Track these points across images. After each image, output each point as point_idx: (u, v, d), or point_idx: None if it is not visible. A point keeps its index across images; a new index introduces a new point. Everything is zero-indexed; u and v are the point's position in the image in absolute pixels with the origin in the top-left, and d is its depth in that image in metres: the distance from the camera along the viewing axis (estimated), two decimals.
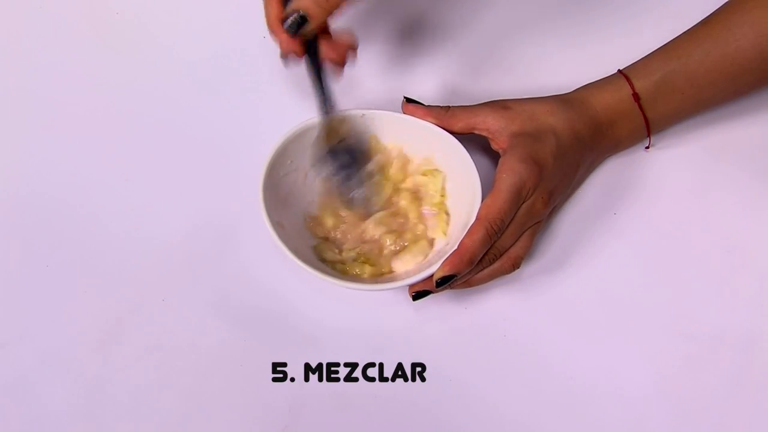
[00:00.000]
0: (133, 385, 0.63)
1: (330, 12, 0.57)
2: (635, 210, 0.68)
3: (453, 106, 0.64)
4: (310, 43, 0.59)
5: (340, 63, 0.60)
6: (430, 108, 0.64)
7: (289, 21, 0.57)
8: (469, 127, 0.63)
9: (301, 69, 0.61)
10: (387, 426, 0.62)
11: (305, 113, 0.64)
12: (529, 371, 0.63)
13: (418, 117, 0.64)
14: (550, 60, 0.74)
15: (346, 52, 0.60)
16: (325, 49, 0.60)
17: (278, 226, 0.61)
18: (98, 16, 0.78)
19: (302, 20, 0.56)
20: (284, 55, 0.59)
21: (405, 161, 0.66)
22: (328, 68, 0.61)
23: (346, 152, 0.64)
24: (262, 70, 0.74)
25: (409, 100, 0.65)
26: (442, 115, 0.63)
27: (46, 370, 0.64)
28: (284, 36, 0.58)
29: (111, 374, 0.64)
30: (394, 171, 0.66)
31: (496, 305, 0.65)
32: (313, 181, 0.66)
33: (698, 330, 0.64)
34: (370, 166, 0.65)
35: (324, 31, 0.60)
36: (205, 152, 0.71)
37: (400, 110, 0.65)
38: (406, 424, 0.62)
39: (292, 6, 0.56)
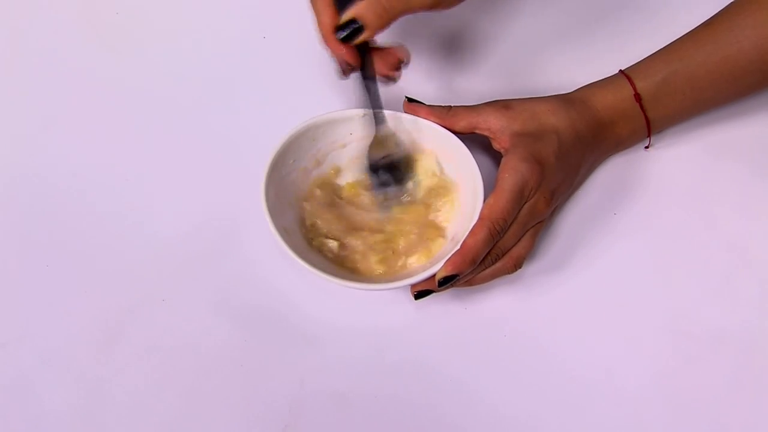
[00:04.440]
0: (133, 385, 0.63)
1: (388, 22, 0.56)
2: (635, 210, 0.68)
3: (455, 106, 0.64)
4: (362, 53, 0.59)
5: (392, 76, 0.61)
6: (432, 107, 0.64)
7: (344, 29, 0.56)
8: (470, 126, 0.63)
9: (302, 69, 0.61)
10: (387, 426, 0.62)
11: (306, 113, 0.64)
12: (529, 371, 0.63)
13: (420, 116, 0.64)
14: (552, 60, 0.74)
15: (396, 65, 0.60)
16: (375, 62, 0.60)
17: (283, 231, 0.61)
18: (98, 16, 0.78)
19: (358, 29, 0.56)
20: (342, 70, 0.59)
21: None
22: (379, 81, 0.61)
23: (387, 170, 0.65)
24: (262, 70, 0.74)
25: (410, 100, 0.65)
26: (444, 114, 0.63)
27: (46, 370, 0.64)
28: (338, 45, 0.57)
29: (111, 374, 0.63)
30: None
31: (497, 305, 0.65)
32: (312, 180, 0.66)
33: (698, 330, 0.64)
34: (409, 187, 0.66)
35: (371, 44, 0.60)
36: (205, 152, 0.71)
37: (402, 110, 0.65)
38: (406, 424, 0.62)
39: (348, 14, 0.56)
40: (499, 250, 0.60)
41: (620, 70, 0.67)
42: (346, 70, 0.59)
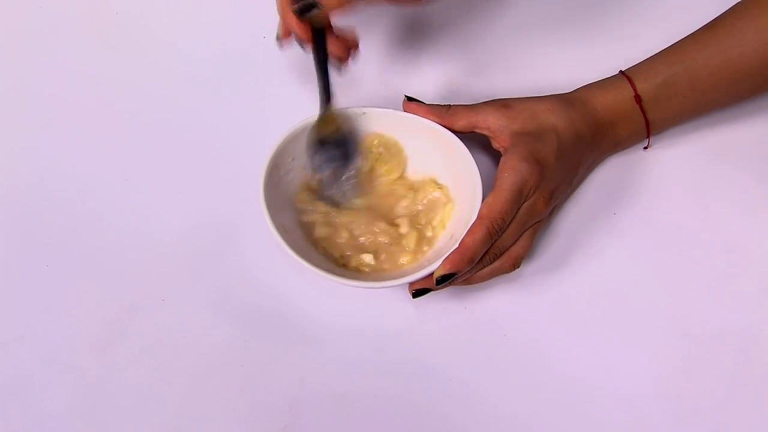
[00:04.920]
0: (133, 385, 0.63)
1: (346, 6, 0.56)
2: (635, 210, 0.68)
3: (454, 105, 0.64)
4: (318, 33, 0.59)
5: (344, 59, 0.61)
6: (431, 106, 0.64)
7: (299, 5, 0.56)
8: (470, 125, 0.63)
9: (302, 67, 0.61)
10: (387, 426, 0.62)
11: (305, 111, 0.64)
12: (528, 371, 0.63)
13: (419, 115, 0.64)
14: (552, 60, 0.74)
15: (349, 49, 0.61)
16: (330, 44, 0.60)
17: (282, 229, 0.61)
18: (98, 16, 0.78)
19: (314, 6, 0.56)
20: (283, 37, 0.60)
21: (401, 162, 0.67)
22: (332, 63, 0.61)
23: (336, 145, 0.64)
24: (262, 69, 0.74)
25: (410, 99, 0.65)
26: (444, 113, 0.63)
27: (46, 370, 0.64)
28: (294, 21, 0.58)
29: (111, 374, 0.63)
30: (386, 169, 0.67)
31: (496, 304, 0.65)
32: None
33: (698, 330, 0.64)
34: (357, 163, 0.65)
35: (329, 26, 0.60)
36: (205, 151, 0.71)
37: (401, 109, 0.65)
38: (406, 423, 0.62)
39: None
40: (498, 249, 0.60)
41: (621, 71, 0.67)
42: (286, 40, 0.61)
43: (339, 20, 0.59)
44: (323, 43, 0.60)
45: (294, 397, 0.63)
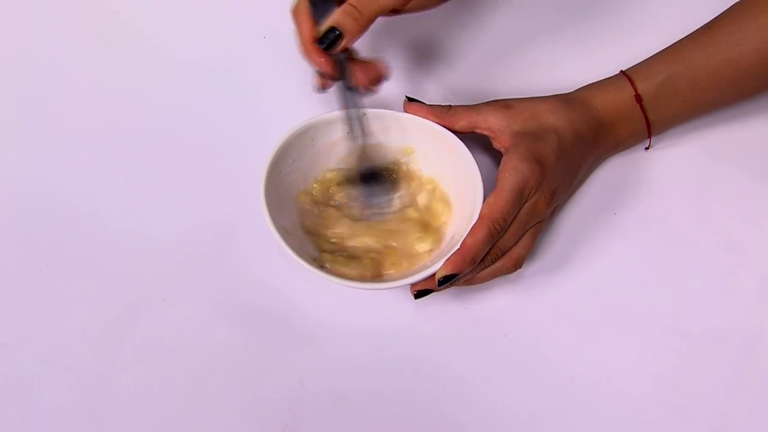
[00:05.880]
0: (133, 385, 0.63)
1: (365, 25, 0.57)
2: (636, 210, 0.68)
3: (455, 105, 0.64)
4: (342, 65, 0.60)
5: (371, 88, 0.61)
6: (431, 107, 0.64)
7: (324, 39, 0.57)
8: (470, 125, 0.63)
9: (303, 67, 0.61)
10: (387, 426, 0.62)
11: (305, 112, 0.64)
12: (529, 371, 0.63)
13: (419, 116, 0.64)
14: (552, 60, 0.74)
15: (376, 78, 0.61)
16: (356, 73, 0.60)
17: (283, 231, 0.61)
18: (98, 16, 0.77)
19: (338, 36, 0.57)
20: (320, 83, 0.61)
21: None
22: (358, 92, 0.61)
23: (373, 178, 0.65)
24: (262, 70, 0.74)
25: (410, 99, 0.65)
26: (444, 113, 0.63)
27: (46, 369, 0.64)
28: (318, 56, 0.58)
29: (111, 374, 0.63)
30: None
31: (497, 304, 0.65)
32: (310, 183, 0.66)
33: (698, 329, 0.64)
34: (396, 197, 0.66)
35: (353, 56, 0.61)
36: (205, 152, 0.71)
37: (402, 109, 0.65)
38: (406, 423, 0.62)
39: (326, 23, 0.57)
40: (499, 249, 0.60)
41: (621, 71, 0.67)
42: (325, 83, 0.61)
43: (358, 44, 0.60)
44: (349, 75, 0.60)
45: (294, 397, 0.63)
